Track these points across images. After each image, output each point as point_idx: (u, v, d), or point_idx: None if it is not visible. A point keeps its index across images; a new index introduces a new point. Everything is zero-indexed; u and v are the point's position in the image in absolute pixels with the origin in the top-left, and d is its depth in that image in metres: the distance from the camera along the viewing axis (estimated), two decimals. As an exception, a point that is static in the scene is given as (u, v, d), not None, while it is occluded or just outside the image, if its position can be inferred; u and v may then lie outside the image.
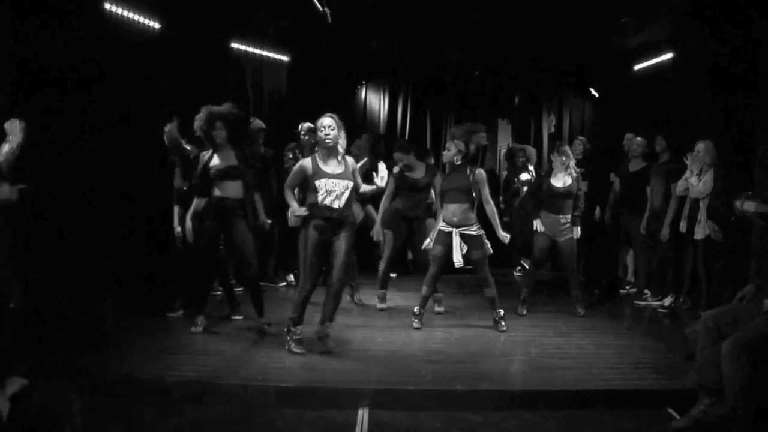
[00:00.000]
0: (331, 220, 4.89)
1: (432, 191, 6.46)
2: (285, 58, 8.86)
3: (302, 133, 7.40)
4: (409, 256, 7.61)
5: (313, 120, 7.51)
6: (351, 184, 4.96)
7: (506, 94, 10.03)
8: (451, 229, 5.65)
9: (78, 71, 5.63)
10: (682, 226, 6.35)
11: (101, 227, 5.90)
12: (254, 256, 5.51)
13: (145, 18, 6.67)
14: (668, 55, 7.88)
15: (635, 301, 7.05)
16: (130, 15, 6.48)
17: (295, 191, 5.28)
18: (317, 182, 4.86)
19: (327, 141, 4.87)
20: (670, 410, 4.12)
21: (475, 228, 5.65)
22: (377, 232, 6.27)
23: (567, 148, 6.46)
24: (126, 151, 6.30)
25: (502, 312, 5.74)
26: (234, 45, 8.17)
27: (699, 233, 6.03)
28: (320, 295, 5.23)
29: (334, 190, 4.87)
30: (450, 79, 9.81)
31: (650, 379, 4.51)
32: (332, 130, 4.88)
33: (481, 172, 5.73)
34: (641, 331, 5.82)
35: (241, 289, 6.59)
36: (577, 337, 5.58)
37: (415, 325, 5.74)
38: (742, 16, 6.06)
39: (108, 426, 3.77)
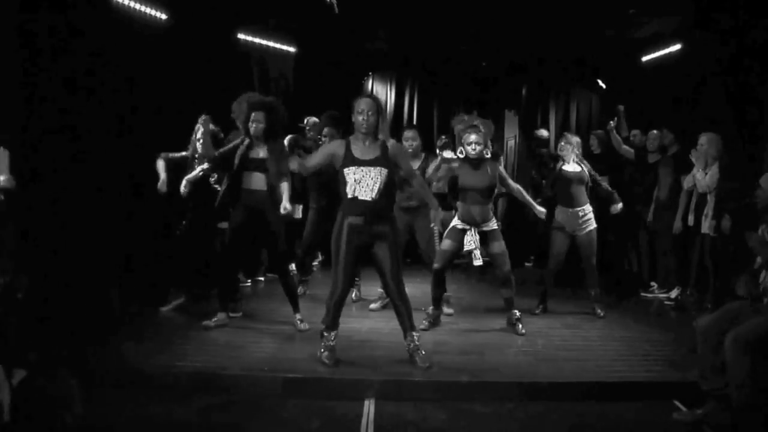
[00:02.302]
0: (365, 217, 4.37)
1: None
2: (291, 49, 8.85)
3: (307, 127, 7.37)
4: None
5: (318, 113, 7.57)
6: (386, 171, 4.38)
7: (513, 86, 9.99)
8: (468, 227, 5.32)
9: (84, 62, 5.64)
10: (690, 220, 6.34)
11: (107, 218, 5.92)
12: (285, 246, 5.40)
13: (151, 9, 6.66)
14: (676, 47, 7.83)
15: (642, 294, 7.04)
16: (137, 6, 6.47)
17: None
18: (345, 171, 4.40)
19: (363, 127, 4.39)
20: (676, 402, 4.11)
21: (492, 223, 5.36)
22: None
23: (570, 137, 6.20)
24: (131, 140, 6.31)
25: (518, 313, 5.46)
26: (240, 36, 8.16)
27: (706, 227, 6.01)
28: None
29: (363, 179, 4.36)
30: (457, 71, 9.76)
31: (656, 371, 4.52)
32: (371, 114, 4.38)
33: (497, 165, 5.45)
34: (648, 324, 5.81)
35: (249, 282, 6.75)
36: (584, 329, 5.58)
37: (423, 326, 5.35)
38: (751, 7, 6.03)
39: (114, 416, 3.79)
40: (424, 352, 4.47)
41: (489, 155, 5.35)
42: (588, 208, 5.99)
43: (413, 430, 3.77)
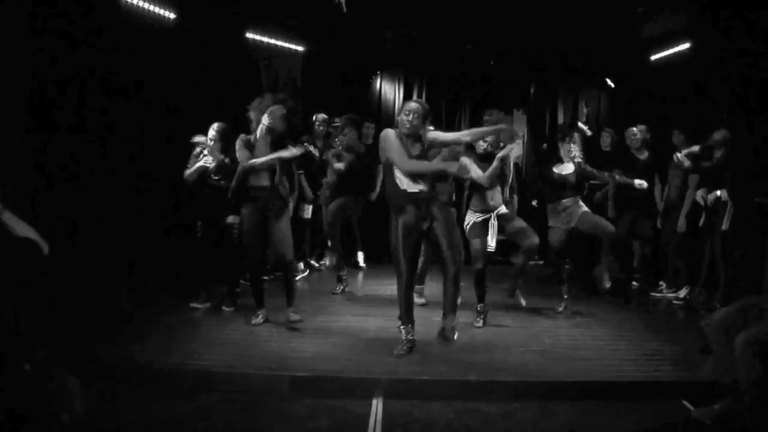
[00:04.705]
0: (414, 206, 4.61)
1: None
2: (300, 48, 8.86)
3: (316, 123, 7.43)
4: None
5: (327, 111, 7.60)
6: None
7: (521, 84, 9.96)
8: (487, 215, 5.53)
9: (92, 62, 5.66)
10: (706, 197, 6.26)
11: (118, 216, 5.94)
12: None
13: (160, 8, 6.67)
14: (685, 45, 7.79)
15: (651, 293, 7.01)
16: (146, 5, 6.49)
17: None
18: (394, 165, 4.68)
19: (405, 127, 4.61)
20: (685, 402, 4.10)
21: (504, 207, 5.58)
22: None
23: (572, 134, 6.16)
24: (142, 140, 6.33)
25: (520, 282, 5.77)
26: (249, 35, 8.17)
27: (725, 224, 5.94)
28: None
29: None
30: (465, 70, 9.74)
31: (665, 371, 4.50)
32: (416, 117, 4.59)
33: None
34: (656, 323, 5.79)
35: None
36: (592, 329, 5.56)
37: (479, 324, 5.57)
38: (760, 5, 6.00)
39: (121, 414, 3.81)
40: (453, 334, 4.82)
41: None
42: (568, 201, 5.98)
43: (421, 429, 3.77)
